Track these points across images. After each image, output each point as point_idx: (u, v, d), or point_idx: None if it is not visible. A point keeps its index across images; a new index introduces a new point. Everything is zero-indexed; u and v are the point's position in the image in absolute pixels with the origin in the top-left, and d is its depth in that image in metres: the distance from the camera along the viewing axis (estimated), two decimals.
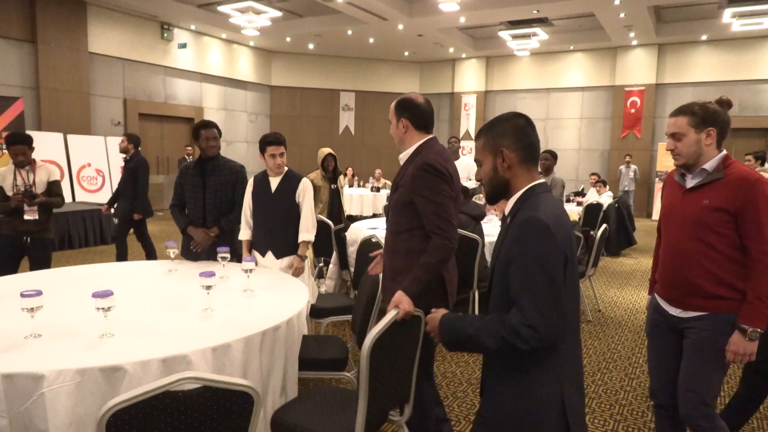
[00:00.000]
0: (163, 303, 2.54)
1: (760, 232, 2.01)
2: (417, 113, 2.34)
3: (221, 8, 11.41)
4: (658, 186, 13.42)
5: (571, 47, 14.44)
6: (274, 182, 3.44)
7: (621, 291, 6.27)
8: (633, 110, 14.00)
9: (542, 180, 1.62)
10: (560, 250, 1.46)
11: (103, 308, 2.03)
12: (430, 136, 2.38)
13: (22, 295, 2.01)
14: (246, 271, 2.74)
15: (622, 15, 11.17)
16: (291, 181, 3.43)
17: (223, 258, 3.04)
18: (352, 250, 4.44)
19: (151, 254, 6.08)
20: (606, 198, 8.61)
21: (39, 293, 2.03)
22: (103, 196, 10.79)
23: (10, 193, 4.07)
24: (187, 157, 11.77)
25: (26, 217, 4.10)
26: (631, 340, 4.56)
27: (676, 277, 2.20)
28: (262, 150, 3.38)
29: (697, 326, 2.15)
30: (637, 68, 13.92)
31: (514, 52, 14.33)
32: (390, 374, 2.00)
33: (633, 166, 13.10)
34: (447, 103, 16.81)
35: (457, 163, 6.56)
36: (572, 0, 10.31)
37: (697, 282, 2.13)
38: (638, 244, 8.97)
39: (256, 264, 2.84)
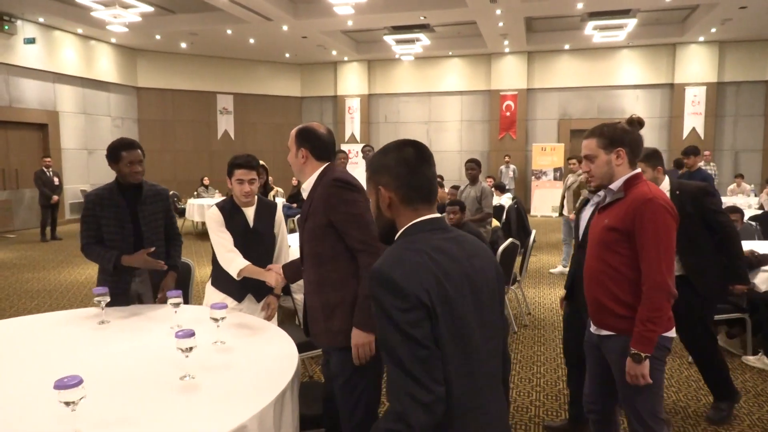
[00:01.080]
0: (123, 374, 1.99)
1: (645, 253, 2.01)
2: (317, 144, 2.26)
3: None
4: (534, 184, 14.43)
5: (450, 53, 14.97)
6: (249, 214, 2.91)
7: (539, 291, 6.51)
8: (508, 113, 14.89)
9: (427, 216, 1.39)
10: (414, 305, 1.21)
11: (71, 402, 1.50)
12: (329, 163, 2.28)
13: None
14: (216, 320, 2.26)
15: (500, 24, 11.77)
16: (267, 211, 2.96)
17: (176, 305, 2.51)
18: None
19: None
20: (506, 200, 8.97)
21: None
22: None
23: None
24: (46, 170, 10.18)
25: None
26: None
27: (588, 295, 2.24)
28: (230, 174, 2.85)
29: (608, 346, 2.19)
30: (510, 74, 14.82)
31: (399, 56, 14.51)
32: None
33: (512, 166, 13.94)
34: (330, 107, 16.56)
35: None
36: (458, 8, 10.61)
37: (603, 301, 2.16)
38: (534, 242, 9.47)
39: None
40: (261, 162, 5.10)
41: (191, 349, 1.92)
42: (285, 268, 2.59)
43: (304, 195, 2.31)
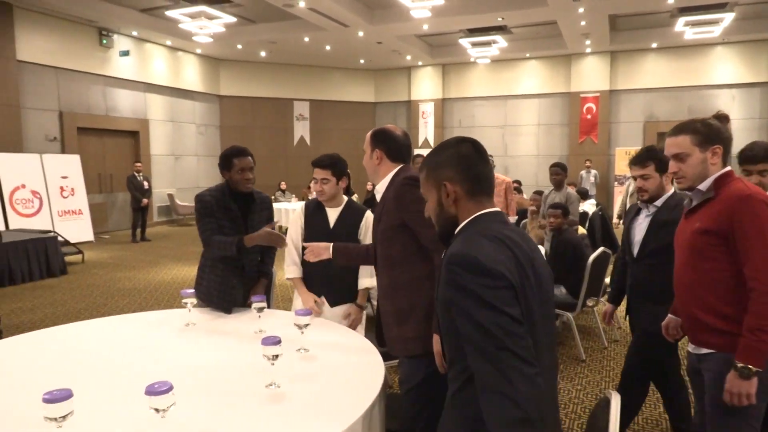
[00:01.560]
0: (209, 379, 1.97)
1: (748, 254, 1.80)
2: (393, 146, 2.26)
3: (169, 13, 10.55)
4: (618, 190, 13.68)
5: (527, 55, 14.53)
6: (333, 214, 2.88)
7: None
8: (589, 116, 14.24)
9: (494, 209, 1.42)
10: (504, 284, 1.21)
11: (162, 409, 1.47)
12: (403, 165, 2.27)
13: (46, 401, 1.42)
14: (299, 326, 2.20)
15: (582, 23, 11.27)
16: (353, 215, 2.90)
17: (260, 309, 2.49)
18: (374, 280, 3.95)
19: None
20: (589, 206, 8.52)
21: (68, 394, 1.44)
22: (42, 221, 9.68)
23: None
24: (136, 174, 10.79)
25: None
26: None
27: (683, 309, 2.05)
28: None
29: (707, 366, 1.97)
30: (592, 75, 14.17)
31: (475, 59, 14.25)
32: None
33: (593, 171, 13.29)
34: (404, 111, 16.54)
35: None
36: (538, 8, 10.26)
37: (699, 316, 1.94)
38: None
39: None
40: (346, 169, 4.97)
41: (277, 356, 1.87)
42: (336, 248, 2.45)
43: (378, 197, 2.28)
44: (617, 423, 1.42)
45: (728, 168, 1.97)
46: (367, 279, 2.88)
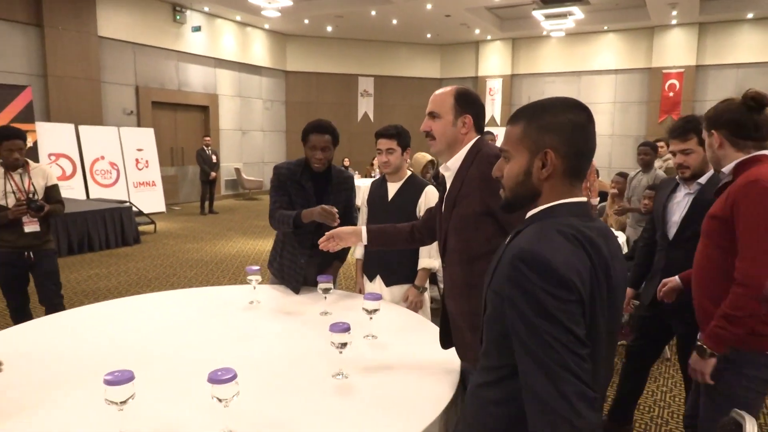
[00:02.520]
0: (274, 364, 1.88)
1: (740, 242, 1.75)
2: (481, 112, 1.90)
3: None
4: None
5: (605, 27, 13.66)
6: (393, 188, 2.78)
7: None
8: (671, 93, 13.27)
9: (580, 199, 1.18)
10: (574, 298, 1.03)
11: (225, 399, 1.37)
12: (479, 137, 1.89)
13: (107, 383, 1.35)
14: (369, 312, 2.07)
15: None
16: (412, 189, 2.75)
17: (325, 290, 2.38)
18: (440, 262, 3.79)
19: None
20: None
21: (129, 377, 1.37)
22: (119, 192, 10.12)
23: (2, 201, 3.39)
24: (205, 148, 11.06)
25: (26, 229, 3.46)
26: None
27: (695, 297, 1.98)
28: (377, 143, 2.75)
29: None
30: (676, 49, 13.15)
31: (548, 33, 13.55)
32: None
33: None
34: (470, 88, 16.04)
35: None
36: None
37: (705, 306, 1.90)
38: None
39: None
40: (430, 158, 4.75)
41: (345, 345, 1.74)
42: (369, 231, 2.17)
43: (448, 175, 1.87)
44: None
45: (761, 152, 1.84)
46: (427, 259, 2.72)
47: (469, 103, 1.84)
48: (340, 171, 2.84)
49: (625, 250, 4.24)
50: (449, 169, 1.86)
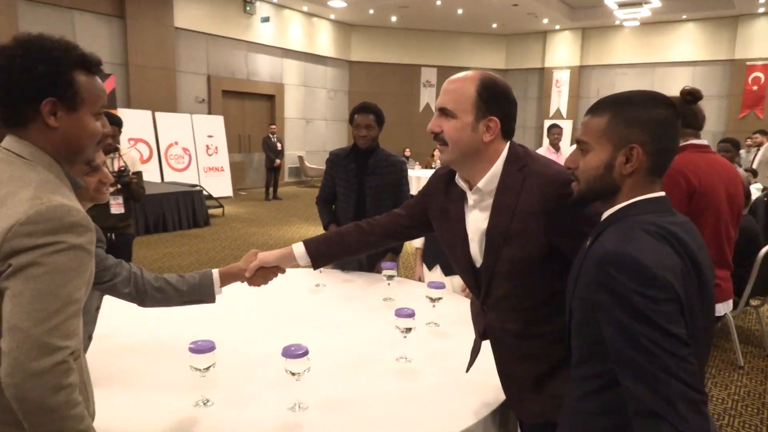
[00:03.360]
0: (340, 345, 1.96)
1: None
2: (511, 111, 1.41)
3: None
4: None
5: (684, 16, 12.97)
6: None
7: None
8: (755, 87, 12.45)
9: (660, 194, 1.14)
10: (670, 297, 0.99)
11: (297, 373, 1.46)
12: (510, 142, 1.44)
13: (192, 350, 1.47)
14: (432, 300, 2.12)
15: None
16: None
17: (389, 277, 2.45)
18: None
19: None
20: (753, 191, 7.49)
21: (210, 346, 1.49)
22: (190, 176, 10.62)
23: None
24: (271, 136, 11.40)
25: (113, 210, 3.67)
26: None
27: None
28: None
29: None
30: (763, 40, 12.31)
31: (621, 22, 13.03)
32: None
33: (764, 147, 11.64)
34: (536, 80, 15.68)
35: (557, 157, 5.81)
36: None
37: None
38: None
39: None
40: None
41: (410, 330, 1.80)
42: (311, 249, 1.74)
43: (477, 198, 1.45)
44: None
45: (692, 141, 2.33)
46: None
47: (497, 98, 1.38)
48: (387, 155, 2.99)
49: None
50: (480, 191, 1.42)
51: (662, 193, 1.15)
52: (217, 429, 1.40)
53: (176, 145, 10.64)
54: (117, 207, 3.70)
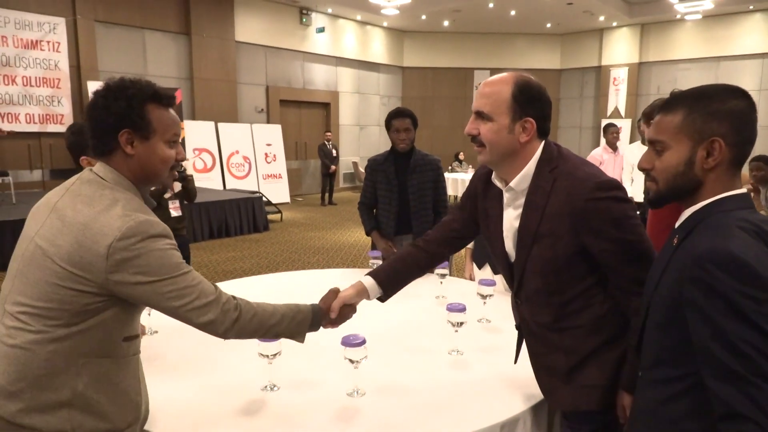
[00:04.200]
0: (396, 339, 2.08)
1: None
2: (547, 111, 1.46)
3: None
4: None
5: (751, 7, 12.34)
6: None
7: None
8: None
9: (743, 190, 1.12)
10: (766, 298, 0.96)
11: (355, 360, 1.59)
12: (545, 140, 1.49)
13: (261, 339, 1.63)
14: (483, 296, 2.20)
15: None
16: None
17: (442, 275, 2.55)
18: None
19: None
20: None
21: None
22: (250, 184, 11.06)
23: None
24: (326, 143, 11.71)
25: (173, 213, 3.95)
26: None
27: None
28: None
29: None
30: None
31: (683, 16, 12.54)
32: None
33: None
34: (592, 78, 15.31)
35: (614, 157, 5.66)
36: None
37: None
38: None
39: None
40: None
41: (461, 324, 1.90)
42: (381, 280, 1.77)
43: (510, 196, 1.51)
44: None
45: None
46: None
47: (532, 99, 1.43)
48: (424, 155, 3.14)
49: None
50: (513, 189, 1.48)
51: (744, 190, 1.14)
52: (283, 411, 1.55)
53: (237, 154, 11.12)
54: (175, 210, 3.99)
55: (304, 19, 12.70)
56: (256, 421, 1.50)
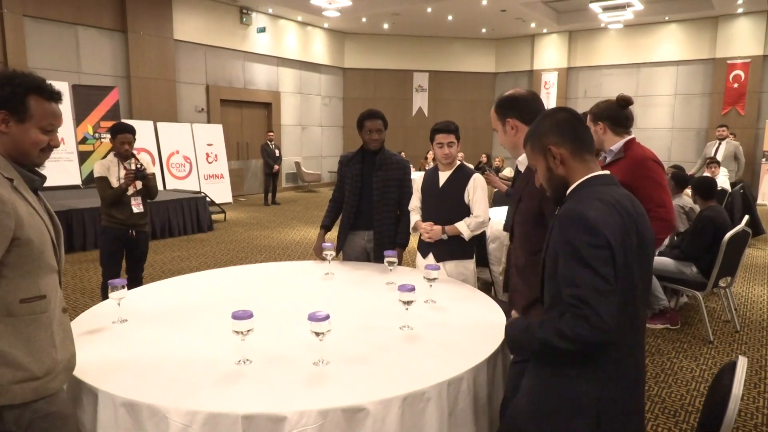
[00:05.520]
0: (352, 319, 2.30)
1: (651, 197, 2.50)
2: (526, 107, 2.06)
3: None
4: (765, 167, 12.36)
5: (666, 18, 13.40)
6: (444, 176, 3.11)
7: (762, 289, 5.67)
8: (736, 85, 12.88)
9: (604, 172, 1.57)
10: (604, 245, 1.38)
11: (320, 333, 1.80)
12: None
13: (235, 317, 1.81)
14: (429, 280, 2.46)
15: None
16: (461, 178, 3.10)
17: (390, 263, 2.79)
18: (493, 247, 4.12)
19: None
20: (723, 179, 7.89)
21: (250, 314, 1.82)
22: (191, 184, 10.93)
23: (116, 184, 3.98)
24: (269, 143, 11.73)
25: (134, 209, 4.03)
26: None
27: None
28: (431, 139, 3.07)
29: None
30: (743, 38, 12.75)
31: (606, 25, 13.44)
32: None
33: (734, 142, 12.04)
34: (525, 82, 16.07)
35: None
36: None
37: None
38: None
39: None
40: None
41: (410, 302, 2.14)
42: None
43: (521, 167, 2.22)
44: (741, 383, 1.50)
45: (632, 136, 2.74)
46: (463, 225, 2.96)
47: (509, 105, 2.07)
48: (392, 155, 3.36)
49: None
50: (521, 163, 2.17)
51: (606, 172, 1.57)
52: (258, 380, 1.73)
53: (177, 154, 10.96)
54: (137, 206, 4.05)
55: (245, 19, 12.65)
56: (233, 388, 1.67)
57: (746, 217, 4.55)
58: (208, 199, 9.17)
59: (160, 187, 10.14)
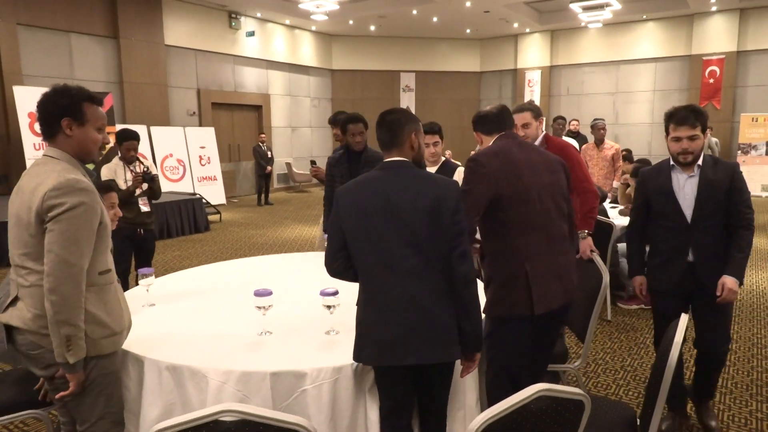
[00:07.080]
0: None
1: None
2: (480, 121, 2.43)
3: None
4: (741, 159, 12.84)
5: (644, 16, 13.85)
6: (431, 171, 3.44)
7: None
8: (711, 80, 13.36)
9: (396, 159, 1.98)
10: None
11: (331, 306, 2.10)
12: (500, 134, 2.37)
13: (256, 294, 2.10)
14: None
15: None
16: (446, 171, 3.42)
17: None
18: None
19: None
20: None
21: (270, 293, 2.12)
22: (185, 186, 11.15)
23: (123, 187, 4.24)
24: (261, 144, 11.98)
25: (142, 209, 4.29)
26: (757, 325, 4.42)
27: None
28: None
29: None
30: (717, 36, 13.23)
31: (586, 24, 13.85)
32: None
33: (714, 139, 12.52)
34: (509, 80, 16.46)
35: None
36: None
37: None
38: None
39: None
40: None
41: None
42: None
43: None
44: (682, 333, 1.82)
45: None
46: None
47: (474, 123, 2.45)
48: (375, 152, 3.65)
49: None
50: None
51: (400, 158, 1.95)
52: (278, 348, 2.02)
53: (171, 157, 11.17)
54: (144, 205, 4.32)
55: (234, 23, 12.88)
56: (259, 353, 1.97)
57: None
58: (203, 200, 9.42)
59: None
